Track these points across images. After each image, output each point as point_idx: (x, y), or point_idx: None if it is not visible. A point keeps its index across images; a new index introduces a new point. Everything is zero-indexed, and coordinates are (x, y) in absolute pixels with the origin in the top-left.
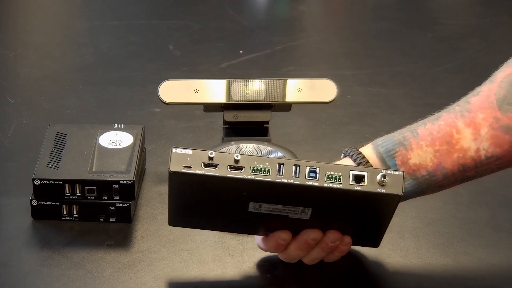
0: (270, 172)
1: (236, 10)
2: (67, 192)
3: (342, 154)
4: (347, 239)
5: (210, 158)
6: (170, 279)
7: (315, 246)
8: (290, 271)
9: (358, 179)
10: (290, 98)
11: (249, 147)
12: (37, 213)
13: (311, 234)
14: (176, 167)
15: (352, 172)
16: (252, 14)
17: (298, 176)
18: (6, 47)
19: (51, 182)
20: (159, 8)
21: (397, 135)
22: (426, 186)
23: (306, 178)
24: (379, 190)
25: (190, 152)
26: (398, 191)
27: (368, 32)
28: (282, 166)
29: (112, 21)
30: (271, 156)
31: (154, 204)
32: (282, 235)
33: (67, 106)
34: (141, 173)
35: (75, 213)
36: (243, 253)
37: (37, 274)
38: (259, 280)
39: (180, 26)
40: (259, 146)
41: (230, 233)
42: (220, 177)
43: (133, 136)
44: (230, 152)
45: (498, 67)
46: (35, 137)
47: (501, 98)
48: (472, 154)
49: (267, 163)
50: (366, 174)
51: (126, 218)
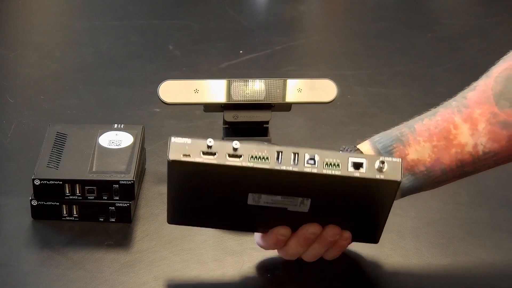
0: (268, 160)
1: (236, 10)
2: (67, 192)
3: (340, 151)
4: (347, 234)
5: (209, 147)
6: (170, 279)
7: (315, 241)
8: (290, 271)
9: (357, 166)
10: (290, 98)
11: None
12: (37, 213)
13: (310, 229)
14: (175, 156)
15: (350, 159)
16: (252, 14)
17: (296, 163)
18: (6, 47)
19: (51, 182)
20: (159, 8)
21: (394, 131)
22: (424, 181)
23: (305, 165)
24: (378, 176)
25: (189, 141)
26: (397, 178)
27: (368, 32)
28: (280, 154)
29: (112, 21)
30: None
31: (154, 204)
32: (282, 231)
33: (67, 106)
34: (141, 173)
35: (75, 213)
36: (243, 253)
37: (37, 274)
38: (259, 280)
39: (180, 26)
40: None
41: (230, 231)
42: (219, 165)
43: (133, 136)
44: None
45: (495, 63)
46: (35, 137)
47: (497, 93)
48: (470, 149)
49: (266, 151)
50: (364, 161)
51: (126, 218)
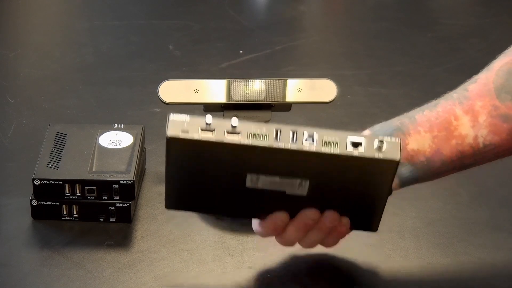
0: (267, 137)
1: (236, 10)
2: (67, 192)
3: None
4: (345, 220)
5: (207, 124)
6: (170, 279)
7: (313, 228)
8: (290, 271)
9: (355, 145)
10: (290, 98)
11: None
12: (37, 213)
13: (309, 214)
14: (173, 133)
15: (349, 138)
16: (252, 14)
17: (295, 141)
18: (6, 47)
19: (51, 182)
20: (159, 8)
21: (395, 121)
22: (423, 172)
23: (303, 143)
24: (376, 156)
25: (188, 118)
26: (395, 157)
27: (368, 32)
28: (279, 131)
29: (112, 21)
30: None
31: (154, 204)
32: (280, 216)
33: (67, 106)
34: (141, 173)
35: (75, 213)
36: (243, 253)
37: (37, 274)
38: (259, 280)
39: (180, 26)
40: None
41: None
42: (217, 142)
43: (133, 136)
44: None
45: (496, 57)
46: (35, 137)
47: (499, 86)
48: (470, 141)
49: (264, 129)
50: (363, 140)
51: (126, 218)
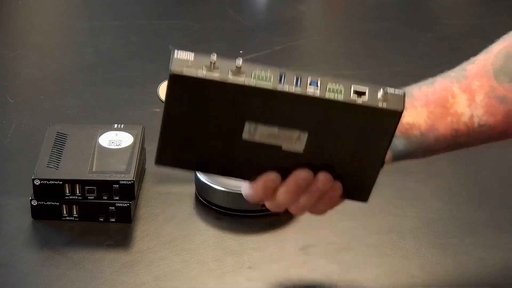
0: (271, 80)
1: (236, 10)
2: (67, 192)
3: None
4: (337, 185)
5: (212, 62)
6: (170, 279)
7: (305, 191)
8: (291, 271)
9: (359, 94)
10: None
11: None
12: (37, 213)
13: (302, 174)
14: (177, 69)
15: (353, 86)
16: (252, 14)
17: (299, 86)
18: (6, 47)
19: (51, 182)
20: (159, 8)
21: None
22: (417, 147)
23: (307, 89)
24: (380, 105)
25: (192, 56)
26: (399, 108)
27: (368, 32)
28: (283, 75)
29: (112, 21)
30: None
31: (154, 204)
32: (271, 176)
33: (67, 106)
34: (141, 173)
35: (75, 213)
36: (243, 253)
37: (37, 274)
38: (259, 280)
39: (180, 26)
40: None
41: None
42: (220, 82)
43: (133, 136)
44: None
45: (494, 41)
46: (35, 137)
47: (497, 68)
48: (465, 120)
49: (269, 71)
50: (367, 89)
51: (126, 218)
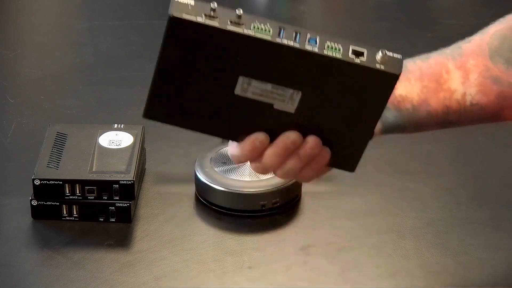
0: (270, 32)
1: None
2: (67, 192)
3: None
4: (326, 150)
5: (212, 9)
6: (170, 279)
7: (292, 154)
8: (291, 271)
9: (358, 54)
10: None
11: None
12: (37, 213)
13: (291, 136)
14: (177, 13)
15: (352, 46)
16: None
17: (298, 41)
18: (6, 47)
19: (51, 182)
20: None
21: None
22: (408, 121)
23: (306, 44)
24: (378, 67)
25: (192, 2)
26: (396, 71)
27: (368, 32)
28: (282, 29)
29: (112, 21)
30: None
31: (154, 204)
32: (260, 136)
33: (67, 106)
34: (141, 173)
35: (75, 213)
36: (243, 253)
37: (37, 274)
38: (259, 280)
39: None
40: None
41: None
42: (219, 29)
43: (133, 136)
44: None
45: (489, 24)
46: (35, 137)
47: (493, 48)
48: (458, 97)
49: (268, 24)
50: (365, 50)
51: (126, 218)
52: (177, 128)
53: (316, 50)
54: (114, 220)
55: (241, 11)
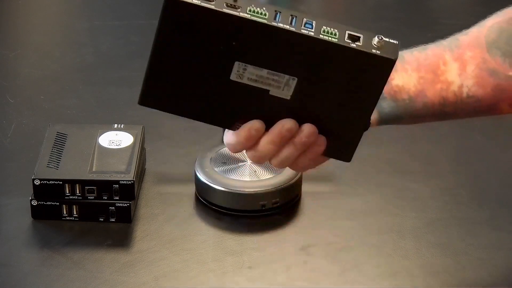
0: (266, 16)
1: None
2: (67, 192)
3: None
4: (322, 139)
5: None
6: (170, 279)
7: (288, 142)
8: (291, 271)
9: (354, 39)
10: None
11: None
12: (37, 213)
13: (287, 124)
14: None
15: (348, 31)
16: None
17: (294, 25)
18: (6, 47)
19: (51, 182)
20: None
21: None
22: (404, 112)
23: (302, 28)
24: (374, 51)
25: None
26: (392, 56)
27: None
28: (279, 13)
29: (112, 21)
30: None
31: (154, 204)
32: (256, 124)
33: (67, 106)
34: (141, 173)
35: (75, 213)
36: (243, 253)
37: (37, 274)
38: (259, 280)
39: None
40: None
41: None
42: (215, 11)
43: (133, 136)
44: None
45: (487, 17)
46: (35, 137)
47: (490, 41)
48: (455, 88)
49: (264, 8)
50: (362, 35)
51: (126, 218)
52: (177, 128)
53: (312, 34)
54: (114, 220)
55: None
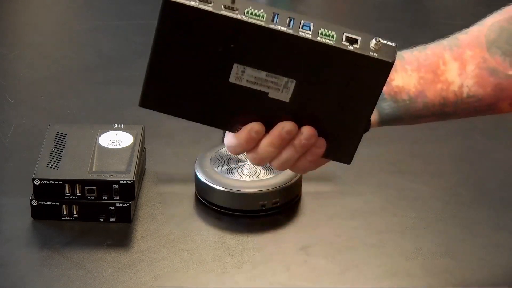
0: (264, 18)
1: None
2: (67, 192)
3: None
4: (321, 141)
5: None
6: (170, 279)
7: (288, 144)
8: (291, 271)
9: (351, 41)
10: None
11: None
12: (37, 213)
13: (286, 126)
14: None
15: (346, 33)
16: None
17: (291, 27)
18: (6, 47)
19: (51, 182)
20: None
21: None
22: (404, 112)
23: (300, 30)
24: (371, 54)
25: None
26: (390, 59)
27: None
28: (276, 15)
29: (113, 21)
30: None
31: (154, 204)
32: (255, 127)
33: (67, 106)
34: (141, 173)
35: (75, 213)
36: (243, 253)
37: (37, 274)
38: (259, 280)
39: None
40: None
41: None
42: (213, 13)
43: (133, 136)
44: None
45: (487, 16)
46: (35, 137)
47: (490, 40)
48: (455, 88)
49: (263, 10)
50: (359, 38)
51: (126, 218)
52: (177, 128)
53: (309, 36)
54: (114, 220)
55: None
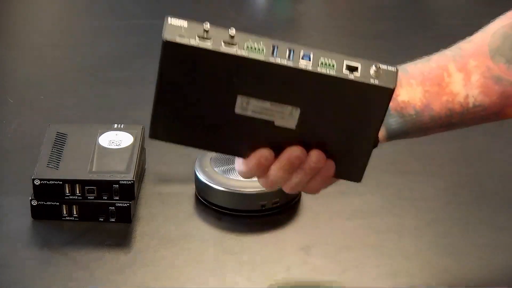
0: (264, 51)
1: (236, 10)
2: (67, 192)
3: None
4: (330, 163)
5: (205, 31)
6: (170, 279)
7: (297, 168)
8: (291, 271)
9: (352, 69)
10: None
11: None
12: (37, 213)
13: (295, 152)
14: (170, 36)
15: (346, 61)
16: (252, 14)
17: (291, 59)
18: (6, 47)
19: (51, 182)
20: (159, 8)
21: None
22: (411, 126)
23: (300, 62)
24: (372, 82)
25: (185, 23)
26: (391, 85)
27: (368, 32)
28: (276, 48)
29: (112, 21)
30: None
31: (154, 204)
32: (264, 153)
33: (67, 106)
34: (141, 173)
35: (75, 213)
36: (243, 253)
37: (37, 274)
38: (259, 280)
39: None
40: None
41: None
42: (212, 51)
43: (133, 136)
44: None
45: (490, 22)
46: (35, 137)
47: (494, 48)
48: (460, 99)
49: (262, 43)
50: (359, 65)
51: (126, 218)
52: None
53: (310, 68)
54: (114, 220)
55: (233, 31)
